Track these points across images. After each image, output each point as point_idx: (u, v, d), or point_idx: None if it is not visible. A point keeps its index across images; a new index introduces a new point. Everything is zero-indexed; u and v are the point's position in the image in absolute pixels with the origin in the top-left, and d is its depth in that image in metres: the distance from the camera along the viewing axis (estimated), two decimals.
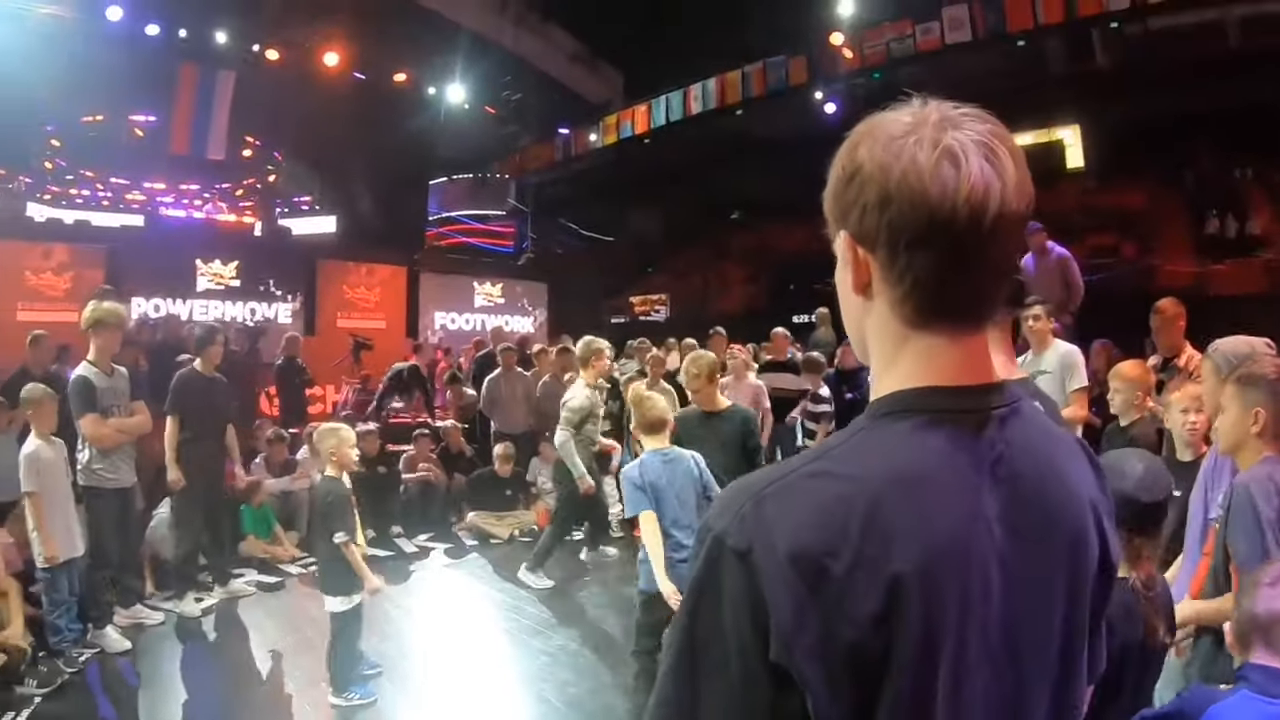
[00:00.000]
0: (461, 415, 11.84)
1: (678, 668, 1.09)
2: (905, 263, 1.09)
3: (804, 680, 1.00)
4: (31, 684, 5.69)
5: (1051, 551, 1.15)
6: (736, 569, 1.03)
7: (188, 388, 7.53)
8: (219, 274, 16.80)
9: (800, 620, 1.00)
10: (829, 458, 1.10)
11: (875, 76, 17.36)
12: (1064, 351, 6.52)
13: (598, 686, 5.95)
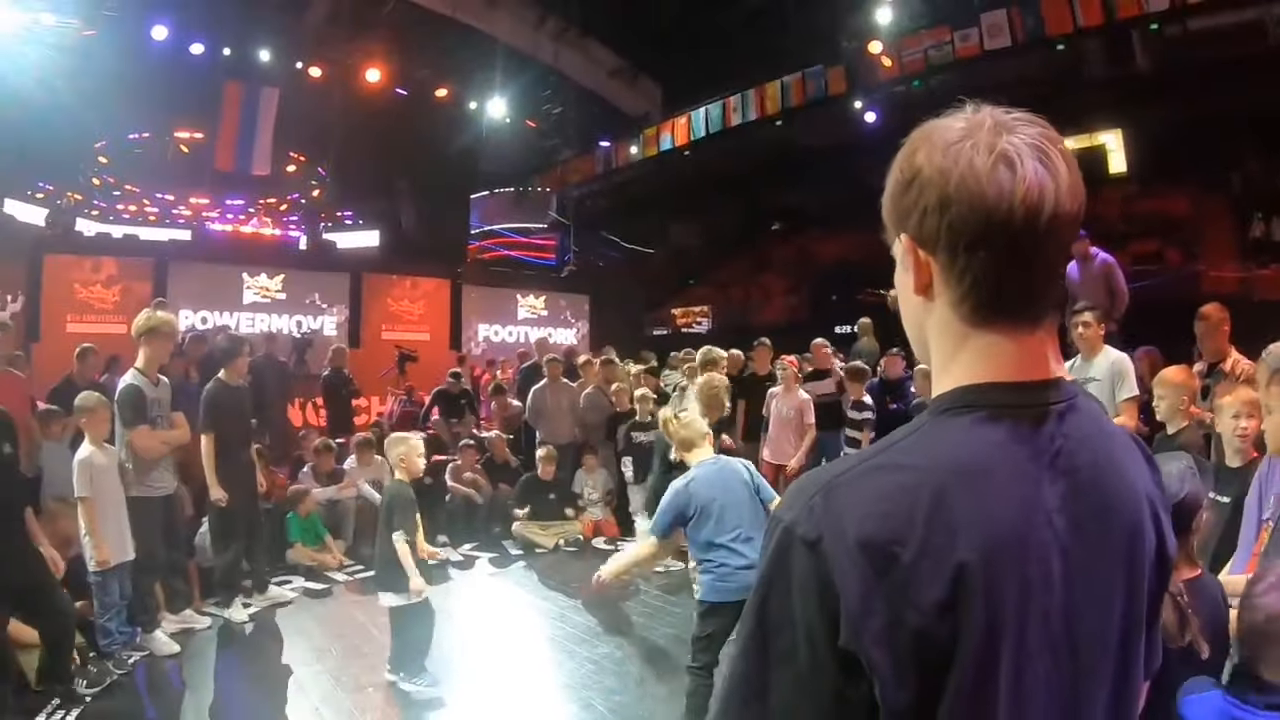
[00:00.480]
0: (506, 426, 11.86)
1: (748, 654, 1.12)
2: (964, 263, 1.13)
3: (871, 666, 1.02)
4: (81, 684, 5.73)
5: (1110, 543, 1.18)
6: (806, 557, 1.07)
7: (219, 403, 7.53)
8: (265, 287, 16.92)
9: (868, 606, 1.02)
10: (894, 450, 1.13)
11: (915, 85, 17.29)
12: (1114, 359, 6.43)
13: (643, 695, 5.93)
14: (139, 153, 23.15)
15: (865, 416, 9.58)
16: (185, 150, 23.48)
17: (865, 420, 9.56)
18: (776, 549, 1.10)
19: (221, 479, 7.35)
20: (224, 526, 7.58)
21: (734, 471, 4.97)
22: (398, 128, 22.15)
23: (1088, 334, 6.55)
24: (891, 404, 9.73)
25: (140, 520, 6.70)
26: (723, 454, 5.31)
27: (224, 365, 7.75)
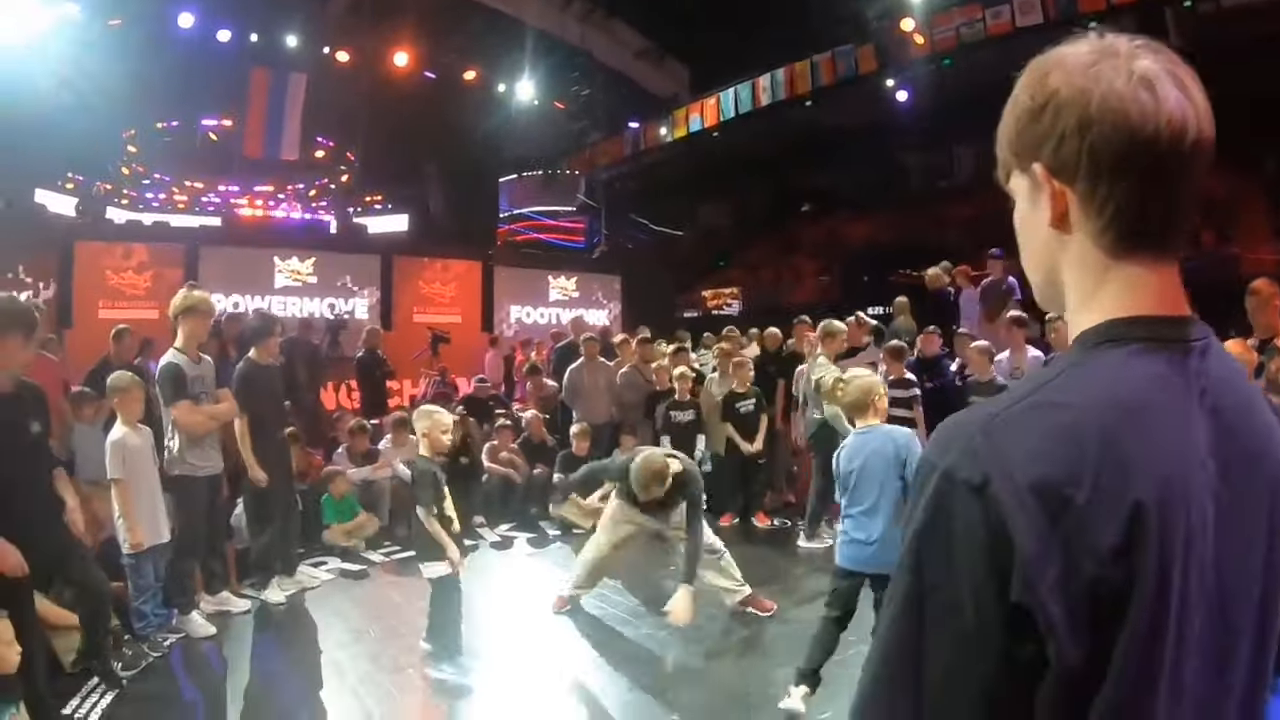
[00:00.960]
0: (542, 406, 11.72)
1: (900, 620, 1.04)
2: (1107, 190, 1.07)
3: (1048, 621, 0.94)
4: (117, 666, 5.62)
5: (1254, 490, 1.09)
6: (971, 504, 0.98)
7: (251, 382, 7.39)
8: (296, 271, 16.88)
9: (1044, 554, 0.94)
10: (1047, 389, 1.05)
11: (946, 63, 16.98)
12: None
13: (692, 676, 5.77)
14: (168, 141, 23.25)
15: (913, 393, 9.38)
16: (214, 138, 23.50)
17: (913, 397, 9.37)
18: (934, 497, 1.01)
19: (258, 459, 7.22)
20: (260, 508, 7.48)
21: (882, 444, 4.95)
22: (426, 111, 22.12)
23: None
24: (929, 382, 9.54)
25: (182, 501, 6.61)
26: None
27: (255, 344, 7.61)
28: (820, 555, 8.37)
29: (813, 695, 4.87)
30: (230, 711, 5.24)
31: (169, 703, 5.43)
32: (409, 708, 5.31)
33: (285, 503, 7.67)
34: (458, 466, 9.93)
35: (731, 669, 5.84)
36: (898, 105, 18.13)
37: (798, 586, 7.78)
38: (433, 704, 5.37)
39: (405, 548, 9.05)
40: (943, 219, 18.94)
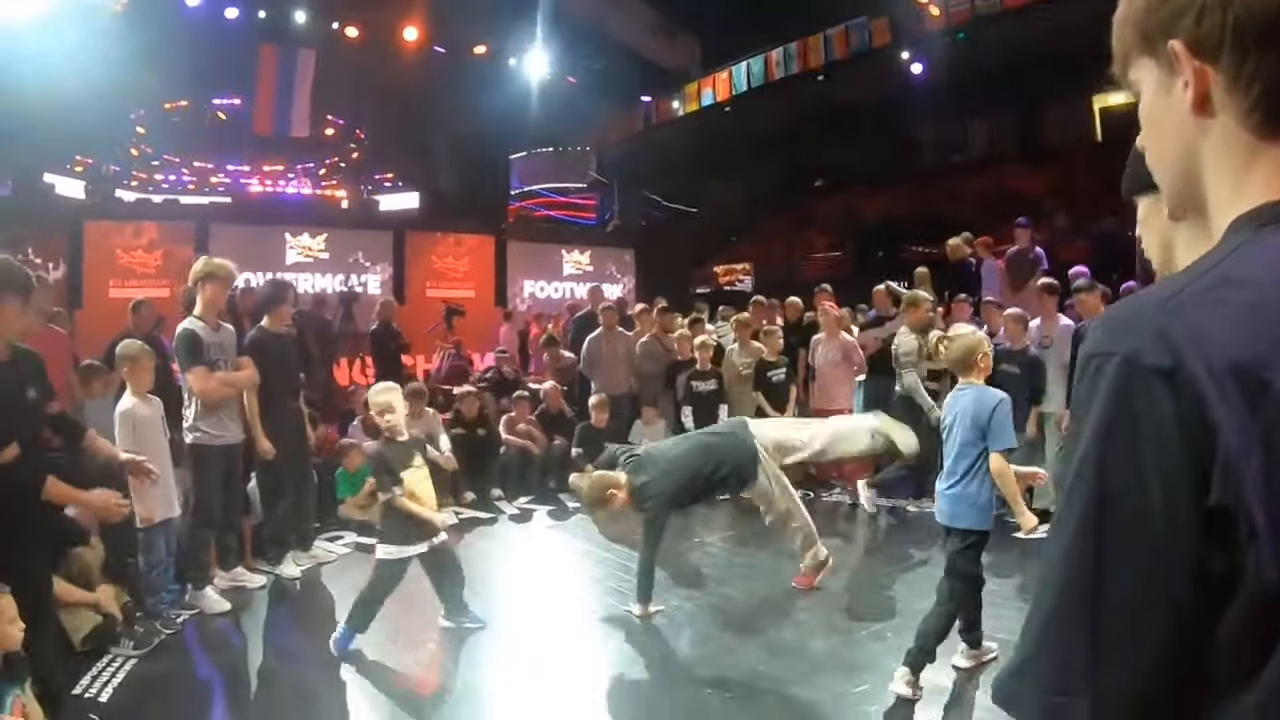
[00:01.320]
0: (560, 378, 11.51)
1: (1078, 538, 0.89)
2: (1254, 66, 0.94)
3: (1250, 527, 0.80)
4: (128, 645, 5.46)
5: None
6: (1162, 392, 0.84)
7: (262, 350, 7.17)
8: (308, 247, 16.77)
9: (1247, 447, 0.80)
10: (1222, 266, 0.91)
11: (960, 37, 16.69)
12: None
13: (721, 649, 5.58)
14: (176, 121, 22.98)
15: (943, 366, 9.21)
16: (223, 117, 23.29)
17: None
18: (1115, 388, 0.87)
19: (268, 430, 7.02)
20: (273, 480, 7.31)
21: (970, 403, 4.87)
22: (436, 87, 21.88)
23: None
24: None
25: (198, 471, 6.45)
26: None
27: (267, 311, 7.43)
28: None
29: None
30: (246, 689, 5.10)
31: (182, 681, 5.25)
32: (429, 683, 5.12)
33: (299, 475, 7.50)
34: (474, 438, 9.80)
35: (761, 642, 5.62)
36: (911, 79, 17.86)
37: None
38: (454, 679, 5.17)
39: None
40: (956, 194, 18.75)
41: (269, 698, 4.93)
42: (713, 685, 4.96)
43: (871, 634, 5.68)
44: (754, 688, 4.88)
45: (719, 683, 5.00)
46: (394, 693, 5.00)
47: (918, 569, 7.11)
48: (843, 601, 6.33)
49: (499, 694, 5.00)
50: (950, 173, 20.35)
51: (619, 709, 4.67)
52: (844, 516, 9.21)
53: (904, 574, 6.97)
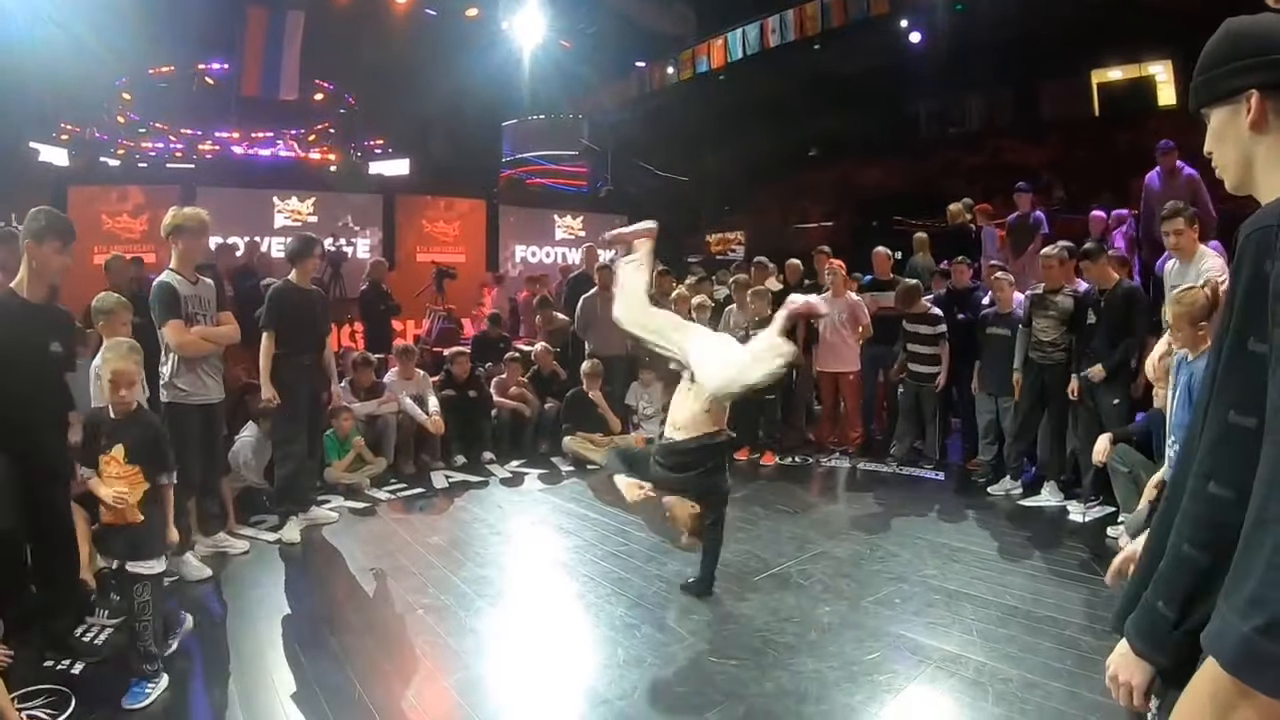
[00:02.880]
0: (553, 339, 11.26)
1: None
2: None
3: None
4: (103, 614, 5.17)
5: None
6: None
7: (284, 300, 7.05)
8: (296, 210, 16.53)
9: None
10: None
11: (958, 8, 16.39)
12: (1213, 262, 5.95)
13: (724, 615, 5.37)
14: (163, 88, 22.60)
15: (940, 330, 9.30)
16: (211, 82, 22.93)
17: (940, 334, 9.29)
18: None
19: (279, 383, 6.86)
20: (285, 435, 7.10)
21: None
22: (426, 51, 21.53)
23: (1181, 240, 6.14)
24: (959, 314, 9.33)
25: (173, 430, 6.15)
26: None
27: (295, 264, 7.28)
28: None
29: None
30: (229, 659, 4.82)
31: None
32: (422, 651, 4.88)
33: (311, 435, 7.32)
34: (465, 400, 9.61)
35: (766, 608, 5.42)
36: (908, 50, 17.59)
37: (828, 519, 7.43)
38: (447, 647, 4.93)
39: (412, 485, 8.82)
40: (952, 166, 18.61)
41: (249, 672, 4.66)
42: (717, 653, 4.73)
43: (878, 600, 5.49)
44: (761, 655, 4.67)
45: (724, 649, 4.79)
46: (382, 660, 4.75)
47: (921, 536, 6.95)
48: (846, 569, 6.14)
49: (492, 660, 4.77)
50: (946, 145, 20.15)
51: (621, 676, 4.44)
52: (843, 483, 9.04)
53: (908, 541, 6.78)
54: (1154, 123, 14.02)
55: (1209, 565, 1.47)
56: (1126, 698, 1.69)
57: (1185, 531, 1.53)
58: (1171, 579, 1.55)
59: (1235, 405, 1.46)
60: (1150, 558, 1.69)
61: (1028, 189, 11.68)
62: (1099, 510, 7.33)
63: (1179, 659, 1.55)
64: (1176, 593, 1.54)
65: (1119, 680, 1.70)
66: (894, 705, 4.11)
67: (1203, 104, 1.74)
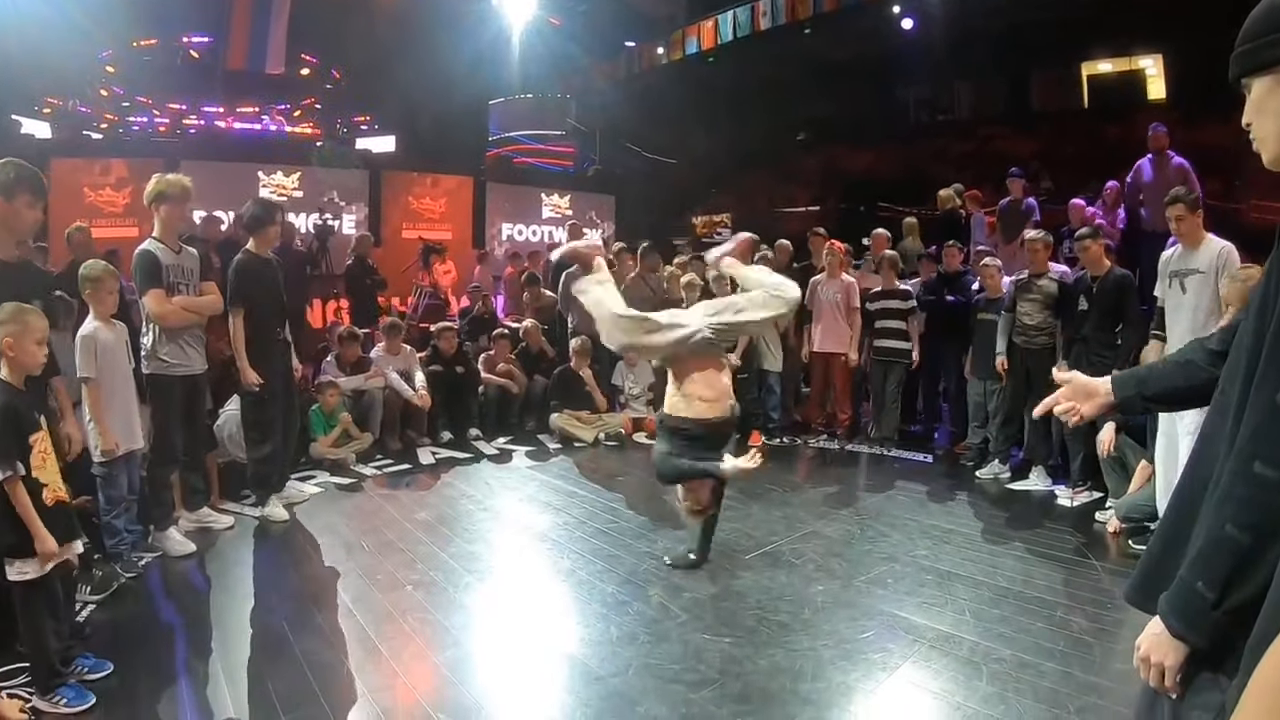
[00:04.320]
0: (540, 317, 11.19)
1: None
2: None
3: None
4: (85, 590, 5.08)
5: None
6: None
7: (248, 273, 6.79)
8: (281, 185, 16.37)
9: None
10: None
11: None
12: (1219, 249, 5.96)
13: (716, 592, 5.33)
14: (147, 60, 22.39)
15: (910, 305, 9.47)
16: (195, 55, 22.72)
17: (910, 309, 9.46)
18: None
19: (254, 361, 6.69)
20: (259, 414, 6.91)
21: None
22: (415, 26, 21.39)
23: (1183, 225, 6.11)
24: (949, 295, 9.37)
25: (156, 402, 6.08)
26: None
27: (253, 233, 6.99)
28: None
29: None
30: (212, 638, 4.74)
31: (144, 628, 4.90)
32: (412, 628, 4.82)
33: (286, 409, 7.12)
34: (453, 376, 9.54)
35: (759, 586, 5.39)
36: (899, 37, 17.52)
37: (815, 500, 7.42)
38: (437, 623, 4.88)
39: (398, 461, 8.77)
40: (941, 153, 18.65)
41: (236, 643, 4.61)
42: (711, 630, 4.70)
43: (870, 580, 5.48)
44: (755, 632, 4.65)
45: (718, 627, 4.76)
46: (371, 637, 4.70)
47: (911, 518, 6.94)
48: (837, 548, 6.12)
49: (483, 637, 4.73)
50: (935, 132, 20.28)
51: (614, 653, 4.40)
52: (831, 464, 9.03)
53: (898, 522, 6.77)
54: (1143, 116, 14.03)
55: (1250, 545, 1.46)
56: (1158, 679, 1.65)
57: (1228, 512, 1.51)
58: (1211, 559, 1.53)
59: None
60: (1171, 529, 1.69)
61: (1020, 175, 11.73)
62: (1087, 495, 7.34)
63: (1216, 641, 1.54)
64: (1217, 573, 1.51)
65: (1150, 661, 1.66)
66: (889, 683, 4.09)
67: (1244, 73, 1.68)
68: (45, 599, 3.95)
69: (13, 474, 3.79)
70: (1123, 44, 16.18)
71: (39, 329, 4.07)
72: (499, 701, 4.00)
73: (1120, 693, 3.81)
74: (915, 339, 9.32)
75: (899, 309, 9.38)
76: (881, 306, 9.48)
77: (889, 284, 9.53)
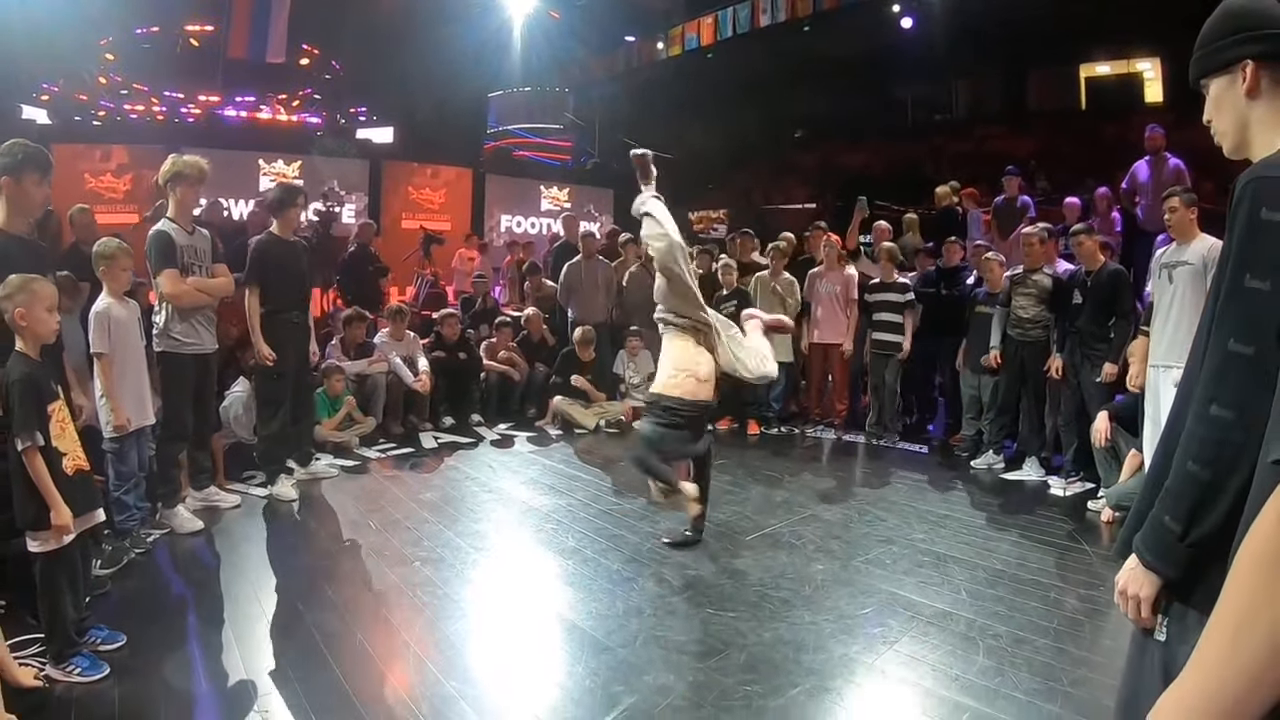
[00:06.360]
0: (541, 306, 11.28)
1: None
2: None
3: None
4: (95, 565, 5.12)
5: None
6: None
7: (267, 254, 6.91)
8: (281, 174, 16.37)
9: None
10: None
11: None
12: (1210, 244, 6.06)
13: (719, 570, 5.43)
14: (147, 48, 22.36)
15: (908, 299, 9.45)
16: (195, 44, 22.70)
17: (908, 302, 9.44)
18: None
19: (268, 339, 6.79)
20: (270, 393, 7.03)
21: None
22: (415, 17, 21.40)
23: (1176, 217, 6.24)
24: (944, 290, 9.51)
25: (166, 379, 6.16)
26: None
27: (276, 215, 7.10)
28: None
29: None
30: (224, 610, 4.82)
31: (154, 603, 4.95)
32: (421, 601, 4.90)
33: (299, 389, 7.25)
34: (455, 361, 9.63)
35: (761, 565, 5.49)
36: (898, 36, 17.51)
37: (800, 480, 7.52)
38: (447, 596, 4.96)
39: (401, 445, 8.85)
40: (937, 152, 18.72)
41: (247, 616, 4.68)
42: (715, 605, 4.80)
43: (868, 561, 5.58)
44: (758, 608, 4.74)
45: (721, 602, 4.85)
46: (381, 609, 4.79)
47: (908, 504, 7.05)
48: (836, 531, 6.23)
49: (492, 610, 4.81)
50: (932, 131, 20.31)
51: (621, 626, 4.49)
52: (828, 453, 9.13)
53: (895, 508, 6.88)
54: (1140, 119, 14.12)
55: (1210, 481, 1.60)
56: (1135, 610, 1.79)
57: (1191, 450, 1.65)
58: (1179, 495, 1.67)
59: (1234, 335, 1.60)
60: (1152, 484, 1.82)
61: (1016, 172, 11.82)
62: (1079, 485, 7.46)
63: (1185, 570, 1.68)
64: (1182, 508, 1.66)
65: (1128, 593, 1.80)
66: (889, 655, 4.19)
67: (1203, 74, 1.94)
68: (65, 570, 4.01)
69: (32, 444, 3.82)
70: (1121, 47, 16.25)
71: (47, 295, 4.09)
72: (509, 669, 4.09)
73: (1111, 667, 3.91)
74: (909, 332, 9.36)
75: (896, 302, 9.42)
76: (879, 299, 9.53)
77: (887, 276, 9.56)
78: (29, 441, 3.83)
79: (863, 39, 18.26)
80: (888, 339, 9.47)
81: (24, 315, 3.98)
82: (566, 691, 3.84)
